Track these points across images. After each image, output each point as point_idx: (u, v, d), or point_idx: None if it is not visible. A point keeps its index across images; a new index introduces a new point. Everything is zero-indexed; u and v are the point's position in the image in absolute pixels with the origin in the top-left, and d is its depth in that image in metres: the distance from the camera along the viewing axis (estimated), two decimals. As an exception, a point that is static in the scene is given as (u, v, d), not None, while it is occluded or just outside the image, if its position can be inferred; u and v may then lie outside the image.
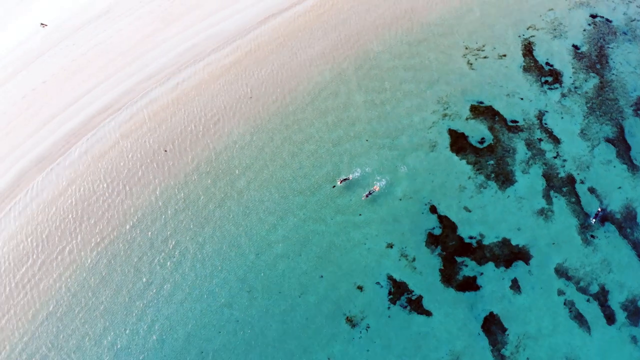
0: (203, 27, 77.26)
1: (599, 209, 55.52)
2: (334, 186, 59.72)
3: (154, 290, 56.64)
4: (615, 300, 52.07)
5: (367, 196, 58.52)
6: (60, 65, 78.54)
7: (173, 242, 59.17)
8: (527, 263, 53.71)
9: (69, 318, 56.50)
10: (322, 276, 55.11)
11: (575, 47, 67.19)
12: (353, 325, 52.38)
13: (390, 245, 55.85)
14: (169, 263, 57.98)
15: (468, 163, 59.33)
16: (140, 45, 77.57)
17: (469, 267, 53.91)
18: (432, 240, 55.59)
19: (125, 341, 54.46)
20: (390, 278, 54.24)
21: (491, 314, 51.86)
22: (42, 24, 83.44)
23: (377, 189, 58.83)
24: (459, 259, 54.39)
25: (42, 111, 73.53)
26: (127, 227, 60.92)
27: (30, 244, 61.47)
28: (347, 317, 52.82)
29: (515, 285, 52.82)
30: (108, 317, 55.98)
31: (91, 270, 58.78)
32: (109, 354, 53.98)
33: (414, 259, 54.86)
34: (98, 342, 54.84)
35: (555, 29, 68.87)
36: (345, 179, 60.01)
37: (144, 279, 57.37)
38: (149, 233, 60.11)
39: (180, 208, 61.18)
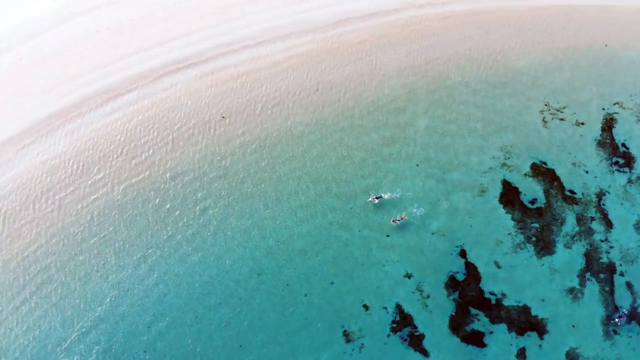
0: (294, 11, 78.87)
1: (626, 311, 54.24)
2: (369, 200, 60.38)
3: (170, 244, 58.46)
4: (618, 403, 50.93)
5: (394, 221, 58.65)
6: (148, 9, 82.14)
7: (201, 204, 60.88)
8: (540, 337, 52.74)
9: (81, 242, 59.21)
10: (332, 283, 55.67)
11: (657, 137, 65.65)
12: (348, 341, 52.69)
13: (409, 276, 55.91)
14: (191, 222, 59.75)
15: (512, 219, 58.69)
16: (227, 11, 79.93)
17: (480, 322, 53.40)
18: (452, 283, 55.34)
19: (130, 283, 56.55)
20: (398, 307, 54.24)
21: (489, 375, 51.55)
22: None
23: (405, 217, 58.90)
24: (473, 311, 53.95)
25: (119, 47, 76.84)
26: (161, 172, 63.33)
27: (68, 161, 64.61)
28: (345, 331, 53.17)
29: (521, 355, 51.88)
30: (120, 255, 58.22)
31: (117, 204, 61.24)
32: (111, 290, 56.19)
33: (428, 296, 54.75)
34: (104, 276, 57.10)
35: (642, 113, 67.52)
36: (378, 197, 60.33)
37: (164, 229, 59.33)
38: (179, 186, 62.04)
39: (218, 175, 62.85)
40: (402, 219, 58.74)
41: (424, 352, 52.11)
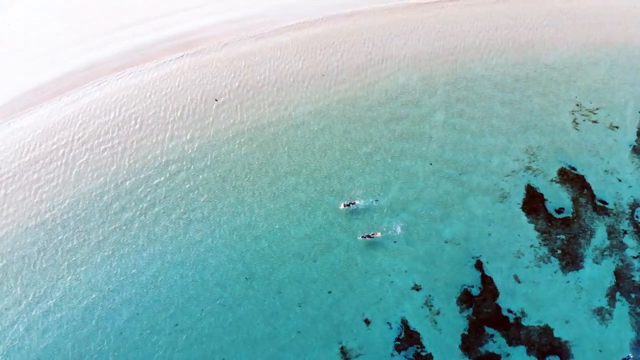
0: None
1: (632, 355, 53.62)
2: (341, 207, 59.62)
3: (144, 237, 58.77)
4: None
5: (363, 237, 57.61)
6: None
7: (188, 197, 60.48)
8: (563, 362, 52.34)
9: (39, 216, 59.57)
10: (330, 292, 54.80)
11: (699, 141, 65.36)
12: (345, 359, 51.89)
13: (417, 288, 55.06)
14: (175, 217, 59.41)
15: (536, 229, 57.96)
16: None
17: (496, 344, 52.48)
18: (465, 298, 54.49)
19: (92, 274, 56.96)
20: (404, 323, 53.43)
21: (502, 403, 50.83)
22: None
23: (378, 235, 57.73)
24: (488, 330, 53.03)
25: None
26: (126, 156, 64.24)
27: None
28: (342, 348, 52.27)
29: (541, 382, 51.56)
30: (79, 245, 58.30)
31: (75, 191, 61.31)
32: (95, 269, 57.06)
33: (438, 312, 53.89)
34: (91, 255, 58.24)
35: (683, 117, 67.18)
36: (351, 204, 59.50)
37: (154, 225, 59.62)
38: (158, 172, 62.60)
39: (209, 165, 62.56)
40: (373, 235, 57.62)
41: (431, 375, 51.53)
